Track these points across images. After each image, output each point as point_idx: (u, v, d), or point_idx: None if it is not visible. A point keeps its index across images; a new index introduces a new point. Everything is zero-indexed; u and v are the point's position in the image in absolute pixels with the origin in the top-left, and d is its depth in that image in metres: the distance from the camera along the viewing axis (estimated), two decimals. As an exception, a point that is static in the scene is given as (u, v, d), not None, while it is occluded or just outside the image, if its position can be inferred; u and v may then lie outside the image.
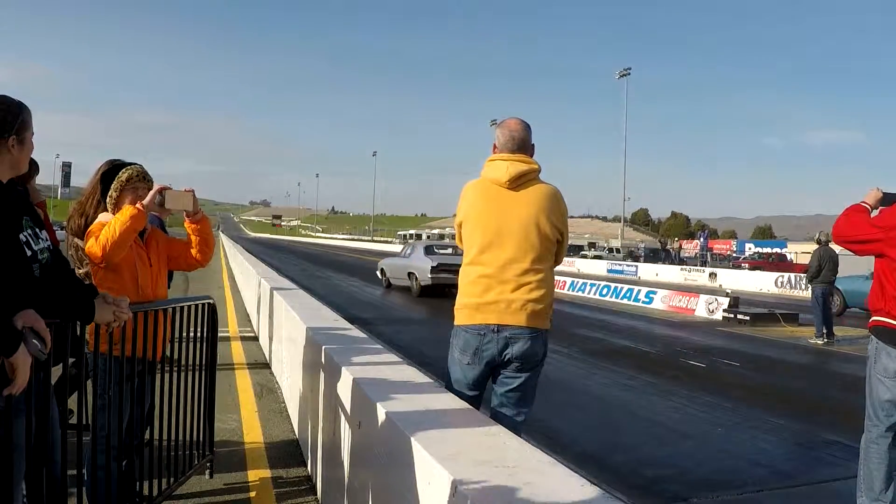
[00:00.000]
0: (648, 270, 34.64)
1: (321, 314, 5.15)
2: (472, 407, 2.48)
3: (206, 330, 3.64)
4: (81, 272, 3.04)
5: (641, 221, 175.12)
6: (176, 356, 3.40)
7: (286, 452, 4.31)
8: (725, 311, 15.00)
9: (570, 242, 3.03)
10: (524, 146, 2.91)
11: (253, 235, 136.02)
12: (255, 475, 3.89)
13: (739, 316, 14.49)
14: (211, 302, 3.68)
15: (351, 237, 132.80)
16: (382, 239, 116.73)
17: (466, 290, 2.86)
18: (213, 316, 3.69)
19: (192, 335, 3.53)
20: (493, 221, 2.82)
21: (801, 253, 44.66)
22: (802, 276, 25.29)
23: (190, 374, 3.51)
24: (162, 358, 3.19)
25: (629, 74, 57.02)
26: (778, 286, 27.14)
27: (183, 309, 3.45)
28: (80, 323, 2.36)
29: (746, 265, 38.96)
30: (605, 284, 21.04)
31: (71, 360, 2.47)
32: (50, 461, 2.22)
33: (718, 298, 15.82)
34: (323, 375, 3.37)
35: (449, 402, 2.46)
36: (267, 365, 7.12)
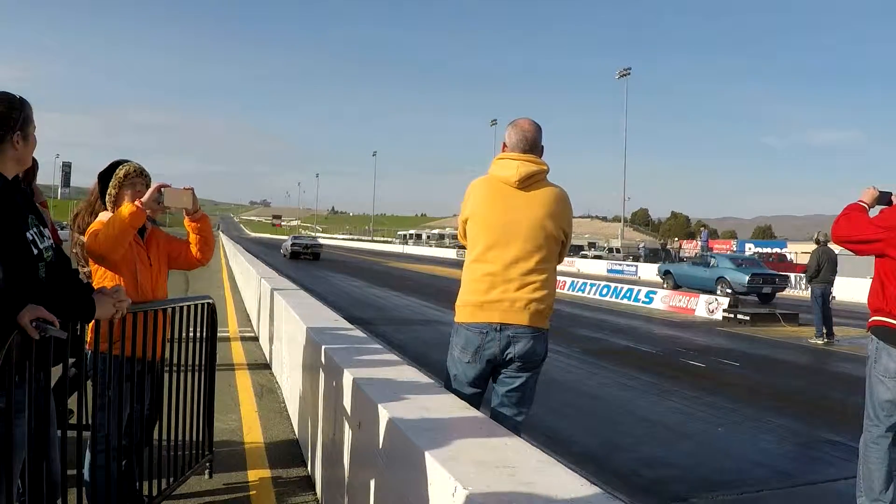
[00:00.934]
0: (648, 270, 34.63)
1: (321, 314, 5.15)
2: (472, 407, 2.48)
3: (205, 330, 3.64)
4: (86, 270, 3.04)
5: (641, 221, 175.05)
6: (175, 358, 3.40)
7: (286, 452, 4.31)
8: (725, 311, 15.01)
9: (570, 242, 3.03)
10: (535, 147, 2.91)
11: (253, 235, 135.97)
12: (254, 475, 3.89)
13: (739, 316, 14.50)
14: (211, 302, 3.68)
15: (351, 237, 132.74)
16: (382, 239, 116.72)
17: (470, 287, 2.86)
18: (212, 316, 3.68)
19: (191, 335, 3.53)
20: (500, 220, 2.81)
21: (801, 253, 44.59)
22: (802, 275, 25.31)
23: (190, 374, 3.51)
24: (162, 358, 3.19)
25: (629, 74, 57.03)
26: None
27: (183, 309, 3.46)
28: (80, 322, 2.36)
29: (746, 265, 38.88)
30: (605, 284, 21.03)
31: (71, 360, 2.47)
32: (49, 460, 2.22)
33: (718, 298, 15.83)
34: (323, 376, 3.37)
35: (449, 402, 2.46)
36: (267, 365, 7.12)
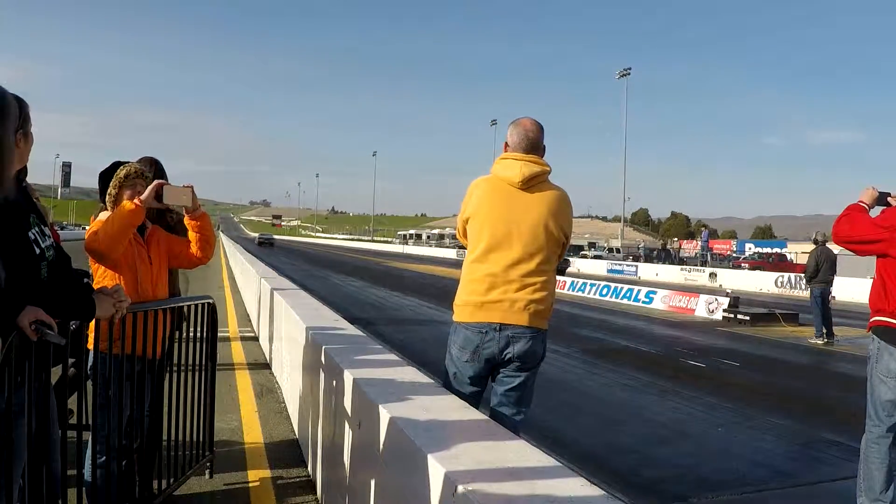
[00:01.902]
0: (648, 270, 34.66)
1: (321, 314, 5.15)
2: (472, 407, 2.48)
3: (206, 330, 3.64)
4: None
5: (641, 221, 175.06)
6: (175, 358, 3.40)
7: (286, 452, 4.31)
8: (725, 311, 15.01)
9: (570, 242, 3.04)
10: (537, 146, 2.91)
11: (253, 235, 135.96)
12: (255, 475, 3.89)
13: (739, 316, 14.50)
14: (211, 302, 3.68)
15: (351, 237, 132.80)
16: (382, 239, 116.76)
17: (470, 287, 2.86)
18: (213, 316, 3.68)
19: (192, 335, 3.53)
20: (502, 221, 2.81)
21: (800, 253, 44.59)
22: (802, 275, 25.34)
23: (190, 374, 3.51)
24: (162, 357, 3.19)
25: (629, 74, 57.03)
26: (778, 286, 27.15)
27: (183, 309, 3.46)
28: (80, 321, 2.36)
29: (746, 265, 38.94)
30: (605, 284, 21.04)
31: (71, 360, 2.47)
32: (50, 460, 2.22)
33: (718, 298, 15.82)
34: (323, 375, 3.37)
35: (449, 402, 2.46)
36: (267, 365, 7.12)
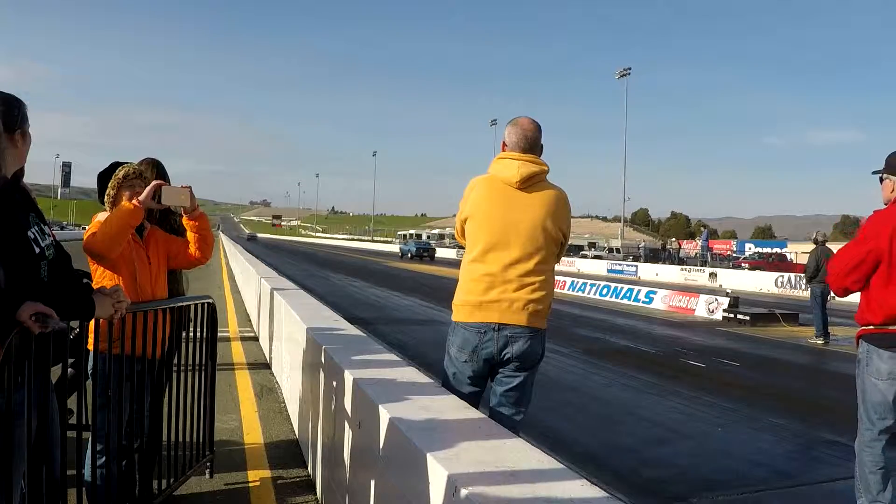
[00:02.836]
0: (648, 270, 34.66)
1: (321, 314, 5.15)
2: (472, 407, 2.48)
3: (206, 330, 3.64)
4: None
5: (641, 221, 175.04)
6: (175, 358, 3.40)
7: (286, 452, 4.31)
8: (725, 311, 15.01)
9: (570, 242, 3.03)
10: (535, 146, 2.90)
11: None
12: (255, 475, 3.89)
13: (739, 316, 14.50)
14: (211, 302, 3.68)
15: (351, 237, 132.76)
16: (382, 239, 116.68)
17: (468, 287, 2.86)
18: (213, 316, 3.68)
19: (192, 335, 3.53)
20: (500, 221, 2.81)
21: (800, 253, 44.55)
22: (802, 275, 25.32)
23: (190, 374, 3.51)
24: (162, 357, 3.19)
25: (629, 74, 57.03)
26: (778, 286, 27.14)
27: (182, 309, 3.46)
28: (80, 321, 2.36)
29: (746, 265, 38.92)
30: (605, 284, 21.05)
31: (70, 359, 2.47)
32: (50, 460, 2.22)
33: (718, 298, 15.82)
34: (323, 375, 3.37)
35: (449, 402, 2.46)
36: (267, 365, 7.12)
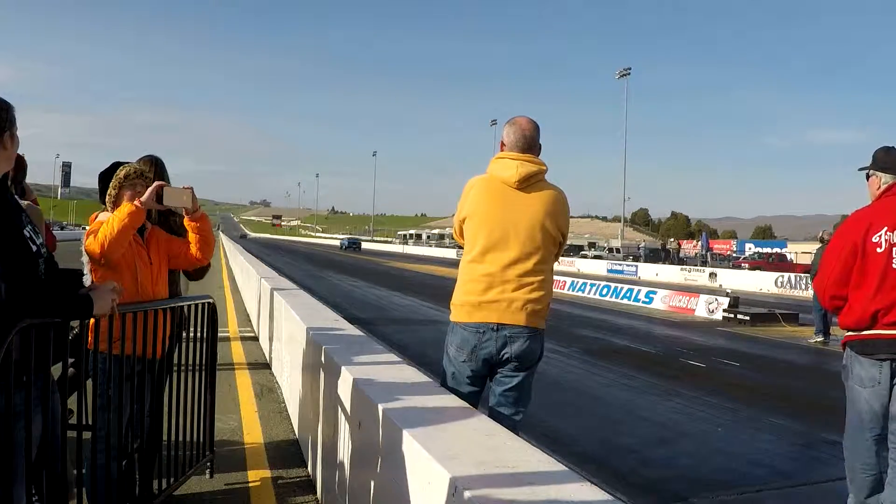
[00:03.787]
0: (648, 270, 34.66)
1: (321, 314, 5.15)
2: (472, 407, 2.48)
3: (206, 330, 3.64)
4: None
5: (641, 221, 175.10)
6: (176, 358, 3.40)
7: (286, 452, 4.31)
8: (725, 311, 15.00)
9: (570, 242, 3.03)
10: (533, 146, 2.90)
11: (253, 235, 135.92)
12: (255, 475, 3.89)
13: (739, 316, 14.49)
14: (211, 302, 3.68)
15: (351, 237, 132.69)
16: (382, 239, 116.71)
17: (467, 287, 2.86)
18: (213, 316, 3.68)
19: (192, 335, 3.53)
20: (499, 221, 2.81)
21: (801, 253, 44.61)
22: (802, 276, 25.33)
23: (190, 374, 3.51)
24: (162, 357, 3.19)
25: (629, 74, 57.03)
26: (778, 286, 27.14)
27: (183, 309, 3.46)
28: (80, 318, 2.36)
29: (746, 265, 38.93)
30: (605, 284, 21.04)
31: (70, 359, 2.47)
32: (50, 461, 2.22)
33: (718, 298, 15.82)
34: (323, 375, 3.37)
35: (449, 402, 2.46)
36: (267, 365, 7.12)
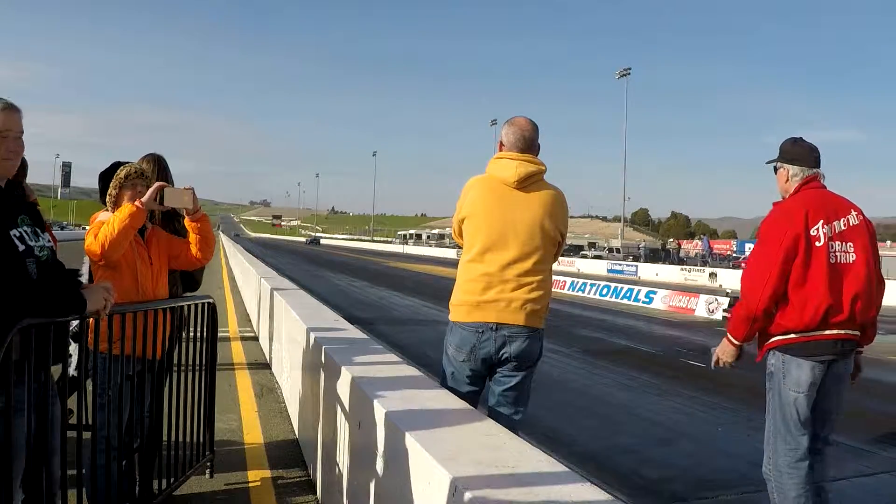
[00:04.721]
0: (648, 270, 34.66)
1: (321, 314, 5.15)
2: (472, 407, 2.48)
3: (206, 330, 3.64)
4: None
5: (641, 221, 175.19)
6: (176, 358, 3.40)
7: (286, 452, 4.31)
8: (725, 311, 14.99)
9: (569, 242, 3.03)
10: (532, 146, 2.90)
11: (253, 236, 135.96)
12: (255, 475, 3.89)
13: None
14: (211, 302, 3.68)
15: (351, 237, 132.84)
16: (382, 239, 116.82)
17: (466, 287, 2.86)
18: (213, 316, 3.68)
19: (192, 335, 3.53)
20: (498, 221, 2.81)
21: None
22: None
23: (190, 374, 3.51)
24: (163, 357, 3.19)
25: (629, 74, 57.03)
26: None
27: (183, 309, 3.46)
28: (73, 315, 2.35)
29: (746, 265, 38.82)
30: (605, 284, 21.05)
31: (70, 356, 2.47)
32: (49, 462, 2.23)
33: (718, 298, 15.83)
34: (323, 375, 3.37)
35: (449, 402, 2.46)
36: (267, 365, 7.13)
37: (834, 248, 2.85)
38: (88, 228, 2.98)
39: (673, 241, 60.12)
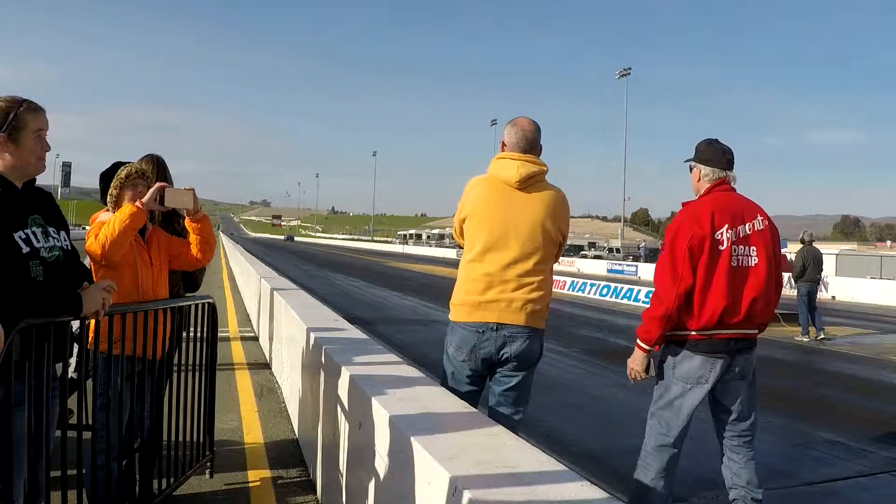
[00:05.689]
0: (648, 270, 34.67)
1: (321, 314, 5.15)
2: (472, 407, 2.48)
3: (206, 330, 3.64)
4: None
5: (641, 221, 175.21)
6: (176, 358, 3.41)
7: (286, 452, 4.31)
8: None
9: (570, 242, 3.03)
10: (534, 146, 2.91)
11: (253, 236, 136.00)
12: (255, 475, 3.89)
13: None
14: (211, 302, 3.68)
15: (351, 237, 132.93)
16: (382, 239, 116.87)
17: (467, 287, 2.86)
18: (213, 316, 3.69)
19: (192, 335, 3.54)
20: (499, 221, 2.81)
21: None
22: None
23: (190, 374, 3.51)
24: (163, 357, 3.19)
25: (629, 74, 57.07)
26: (778, 286, 27.11)
27: (183, 309, 3.46)
28: (69, 316, 2.35)
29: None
30: (605, 284, 21.04)
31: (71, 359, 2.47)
32: (47, 461, 2.23)
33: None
34: (323, 375, 3.37)
35: (449, 402, 2.46)
36: (267, 365, 7.13)
37: (737, 251, 2.95)
38: (89, 228, 2.98)
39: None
